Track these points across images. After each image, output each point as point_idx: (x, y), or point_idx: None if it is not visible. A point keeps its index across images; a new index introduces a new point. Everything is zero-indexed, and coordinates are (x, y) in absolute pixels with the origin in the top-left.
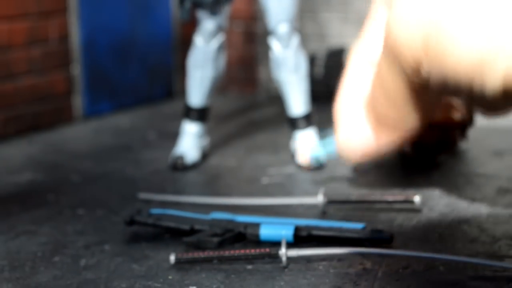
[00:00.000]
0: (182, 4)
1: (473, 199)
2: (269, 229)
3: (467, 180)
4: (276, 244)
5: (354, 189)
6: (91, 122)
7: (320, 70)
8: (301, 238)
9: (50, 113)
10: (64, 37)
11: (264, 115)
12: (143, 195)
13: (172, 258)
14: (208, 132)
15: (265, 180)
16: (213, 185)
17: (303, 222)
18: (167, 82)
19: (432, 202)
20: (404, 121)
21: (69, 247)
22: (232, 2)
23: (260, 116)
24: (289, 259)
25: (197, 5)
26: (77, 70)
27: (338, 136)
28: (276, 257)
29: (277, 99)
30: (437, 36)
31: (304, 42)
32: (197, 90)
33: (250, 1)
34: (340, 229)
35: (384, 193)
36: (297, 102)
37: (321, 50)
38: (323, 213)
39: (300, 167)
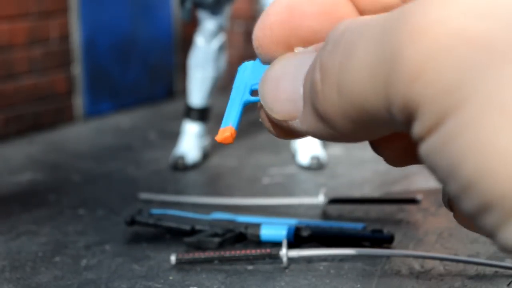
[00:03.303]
0: (183, 4)
1: None
2: (270, 230)
3: None
4: (277, 244)
5: (354, 189)
6: (91, 122)
7: None
8: (301, 239)
9: (51, 113)
10: (64, 37)
11: None
12: (144, 195)
13: (173, 258)
14: (208, 132)
15: (266, 180)
16: (213, 185)
17: (304, 222)
18: (168, 82)
19: (432, 202)
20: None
21: (69, 247)
22: (233, 2)
23: None
24: (290, 259)
25: (198, 5)
26: (77, 70)
27: (266, 77)
28: (276, 258)
29: None
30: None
31: None
32: (198, 90)
33: (251, 1)
34: (340, 229)
35: (385, 193)
36: None
37: None
38: (324, 213)
39: (300, 167)
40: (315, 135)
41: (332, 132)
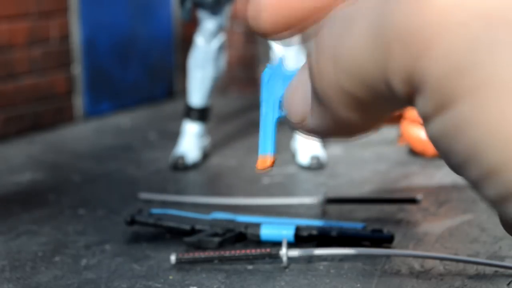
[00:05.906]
0: (183, 4)
1: (474, 199)
2: (269, 229)
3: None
4: (277, 244)
5: (354, 189)
6: (91, 122)
7: None
8: (301, 238)
9: (51, 113)
10: (64, 37)
11: None
12: (144, 195)
13: (173, 258)
14: (208, 132)
15: (266, 180)
16: (213, 185)
17: (303, 222)
18: (168, 82)
19: (432, 201)
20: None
21: (69, 247)
22: (233, 2)
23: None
24: (290, 259)
25: (198, 5)
26: (77, 70)
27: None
28: (276, 257)
29: None
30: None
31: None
32: (197, 90)
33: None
34: (340, 229)
35: (384, 193)
36: None
37: None
38: (324, 213)
39: (300, 167)
40: (320, 128)
41: (333, 117)
